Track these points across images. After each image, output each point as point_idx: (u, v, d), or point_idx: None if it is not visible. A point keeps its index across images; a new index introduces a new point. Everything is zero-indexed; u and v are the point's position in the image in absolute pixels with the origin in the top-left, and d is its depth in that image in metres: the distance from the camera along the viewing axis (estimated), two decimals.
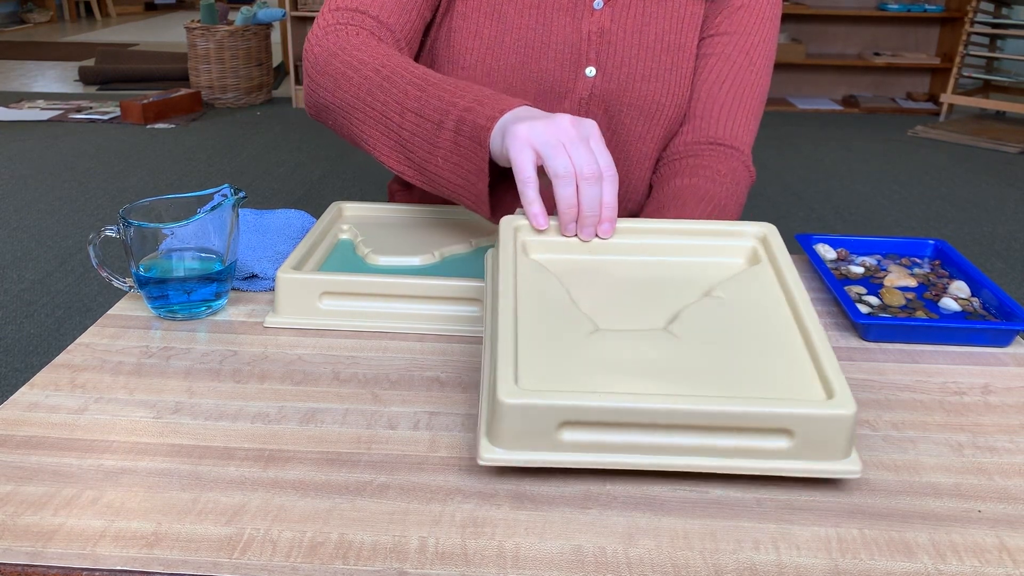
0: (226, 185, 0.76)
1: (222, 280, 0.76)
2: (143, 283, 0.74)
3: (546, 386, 0.54)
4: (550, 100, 0.97)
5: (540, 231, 0.69)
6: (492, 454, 0.53)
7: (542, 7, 0.95)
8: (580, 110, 0.97)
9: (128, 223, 0.72)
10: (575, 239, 0.69)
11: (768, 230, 0.69)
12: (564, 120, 0.68)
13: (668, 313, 0.62)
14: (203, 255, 0.75)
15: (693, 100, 0.99)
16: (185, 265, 0.74)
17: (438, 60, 0.98)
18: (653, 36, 0.97)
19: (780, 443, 0.53)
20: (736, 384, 0.55)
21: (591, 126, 0.69)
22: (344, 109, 0.84)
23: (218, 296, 0.77)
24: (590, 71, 0.96)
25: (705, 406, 0.52)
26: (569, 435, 0.53)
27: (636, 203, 1.05)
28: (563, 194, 0.67)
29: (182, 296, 0.75)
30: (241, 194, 0.76)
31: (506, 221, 0.69)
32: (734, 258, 0.69)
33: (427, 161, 0.77)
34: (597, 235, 0.69)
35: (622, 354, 0.58)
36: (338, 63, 0.85)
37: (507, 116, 0.71)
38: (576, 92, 0.96)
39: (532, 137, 0.67)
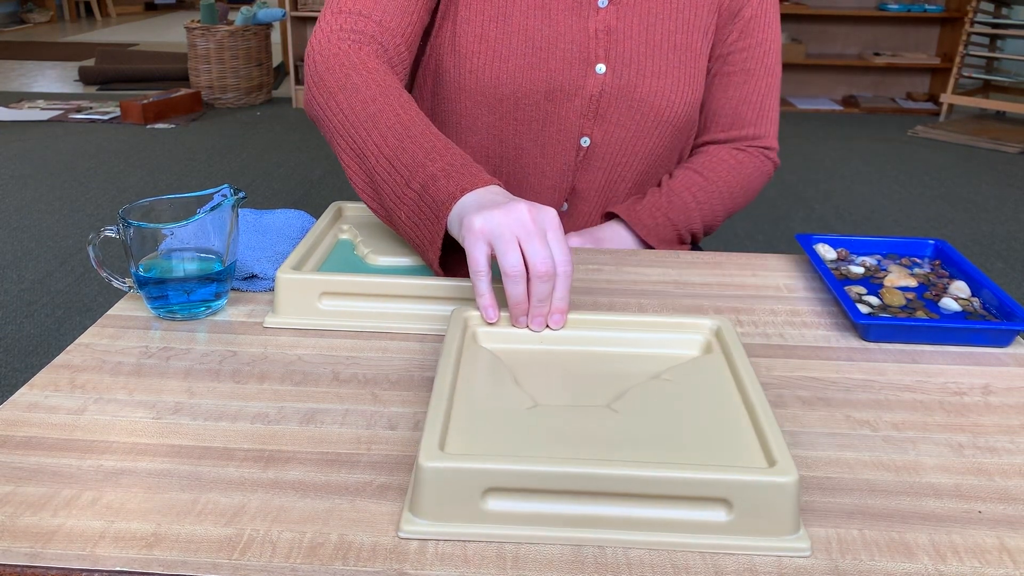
0: (226, 185, 0.76)
1: (222, 280, 0.76)
2: (143, 283, 0.74)
3: (473, 452, 0.52)
4: (560, 99, 0.97)
5: (490, 323, 0.68)
6: (413, 526, 0.51)
7: (547, 7, 0.95)
8: (590, 107, 0.97)
9: (128, 223, 0.72)
10: (526, 330, 0.68)
11: (722, 323, 0.68)
12: (522, 211, 0.66)
13: (613, 393, 0.61)
14: (203, 255, 0.75)
15: (720, 113, 1.06)
16: (185, 265, 0.74)
17: (444, 65, 0.98)
18: (660, 36, 0.97)
19: (719, 515, 0.50)
20: (674, 453, 0.53)
21: (550, 217, 0.67)
22: (330, 130, 0.84)
23: (218, 296, 0.76)
24: (600, 68, 0.96)
25: (638, 471, 0.50)
26: (495, 504, 0.51)
27: None
28: (513, 292, 0.66)
29: (182, 296, 0.74)
30: (241, 194, 0.76)
31: (456, 312, 0.68)
32: (687, 350, 0.68)
33: (392, 210, 0.77)
34: (548, 326, 0.68)
35: (558, 426, 0.56)
36: (333, 81, 0.84)
37: (468, 198, 0.70)
38: (586, 90, 0.97)
39: (487, 230, 0.66)
